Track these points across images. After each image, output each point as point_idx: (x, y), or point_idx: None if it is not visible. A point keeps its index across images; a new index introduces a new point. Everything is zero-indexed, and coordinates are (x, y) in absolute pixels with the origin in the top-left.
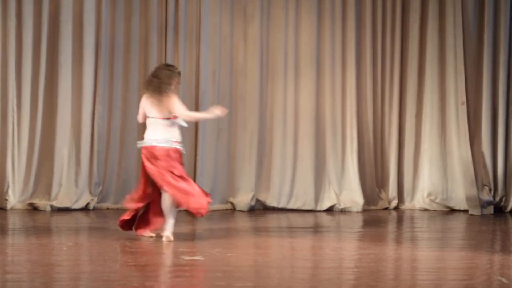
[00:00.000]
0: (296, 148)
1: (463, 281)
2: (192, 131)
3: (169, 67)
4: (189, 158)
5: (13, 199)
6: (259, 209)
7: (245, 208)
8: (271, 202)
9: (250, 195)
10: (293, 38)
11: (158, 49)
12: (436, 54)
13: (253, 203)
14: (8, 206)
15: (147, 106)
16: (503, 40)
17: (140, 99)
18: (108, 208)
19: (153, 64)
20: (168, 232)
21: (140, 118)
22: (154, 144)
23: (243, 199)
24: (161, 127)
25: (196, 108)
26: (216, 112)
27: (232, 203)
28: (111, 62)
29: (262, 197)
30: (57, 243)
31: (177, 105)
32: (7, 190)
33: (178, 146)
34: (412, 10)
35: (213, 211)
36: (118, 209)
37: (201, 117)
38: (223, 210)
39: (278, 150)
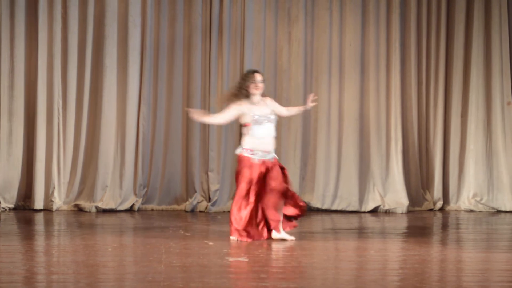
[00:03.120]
0: (340, 149)
1: (509, 282)
2: (237, 133)
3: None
4: (233, 159)
5: (59, 200)
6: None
7: None
8: (316, 203)
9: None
10: (338, 40)
11: (202, 51)
12: (481, 54)
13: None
14: (54, 208)
15: None
16: None
17: (184, 100)
18: (152, 210)
19: (197, 66)
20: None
21: None
22: None
23: None
24: None
25: None
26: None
27: None
28: (155, 64)
29: (306, 198)
30: (102, 244)
31: None
32: (52, 192)
33: (242, 152)
34: (457, 10)
35: None
36: (162, 210)
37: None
38: None
39: (323, 151)
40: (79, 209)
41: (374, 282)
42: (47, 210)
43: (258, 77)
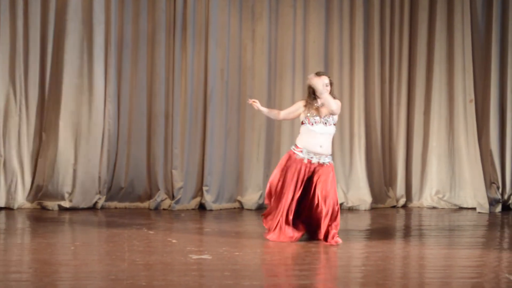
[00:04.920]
0: None
1: (471, 279)
2: (201, 130)
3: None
4: (197, 157)
5: (22, 198)
6: (267, 207)
7: (253, 207)
8: None
9: (258, 193)
10: (301, 37)
11: (166, 48)
12: (444, 52)
13: (261, 201)
14: (16, 206)
15: None
16: (511, 38)
17: (148, 97)
18: (116, 207)
19: (161, 63)
20: None
21: None
22: None
23: (251, 198)
24: None
25: (204, 106)
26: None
27: (240, 202)
28: (119, 61)
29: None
30: (64, 242)
31: None
32: (15, 190)
33: (293, 149)
34: (421, 8)
35: (221, 209)
36: (125, 208)
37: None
38: (231, 208)
39: (286, 149)
40: (42, 207)
41: (337, 279)
42: (9, 208)
43: (323, 79)
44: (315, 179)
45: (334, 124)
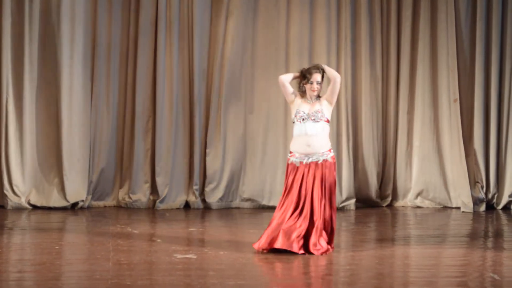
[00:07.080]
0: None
1: (455, 278)
2: (187, 130)
3: None
4: (183, 157)
5: (10, 197)
6: (251, 208)
7: (240, 207)
8: (263, 200)
9: (243, 193)
10: (285, 35)
11: (151, 47)
12: (428, 51)
13: (245, 201)
14: (4, 203)
15: None
16: (495, 38)
17: (132, 97)
18: (105, 206)
19: (145, 64)
20: None
21: None
22: None
23: (236, 198)
24: None
25: (190, 105)
26: None
27: (226, 201)
28: (107, 60)
29: (255, 196)
30: (49, 242)
31: None
32: (3, 189)
33: (288, 155)
34: (404, 8)
35: (206, 209)
36: (114, 206)
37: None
38: (217, 208)
39: (271, 148)
40: (29, 206)
41: (322, 278)
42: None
43: (316, 78)
44: (311, 184)
45: (326, 121)
